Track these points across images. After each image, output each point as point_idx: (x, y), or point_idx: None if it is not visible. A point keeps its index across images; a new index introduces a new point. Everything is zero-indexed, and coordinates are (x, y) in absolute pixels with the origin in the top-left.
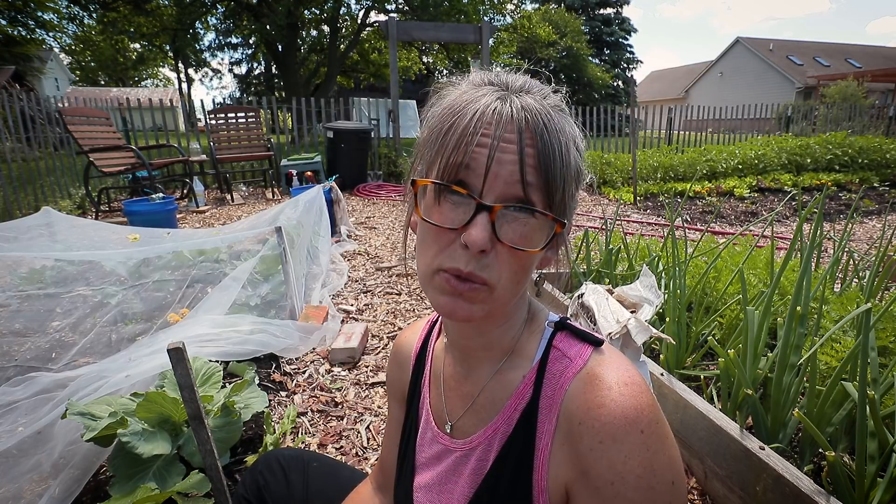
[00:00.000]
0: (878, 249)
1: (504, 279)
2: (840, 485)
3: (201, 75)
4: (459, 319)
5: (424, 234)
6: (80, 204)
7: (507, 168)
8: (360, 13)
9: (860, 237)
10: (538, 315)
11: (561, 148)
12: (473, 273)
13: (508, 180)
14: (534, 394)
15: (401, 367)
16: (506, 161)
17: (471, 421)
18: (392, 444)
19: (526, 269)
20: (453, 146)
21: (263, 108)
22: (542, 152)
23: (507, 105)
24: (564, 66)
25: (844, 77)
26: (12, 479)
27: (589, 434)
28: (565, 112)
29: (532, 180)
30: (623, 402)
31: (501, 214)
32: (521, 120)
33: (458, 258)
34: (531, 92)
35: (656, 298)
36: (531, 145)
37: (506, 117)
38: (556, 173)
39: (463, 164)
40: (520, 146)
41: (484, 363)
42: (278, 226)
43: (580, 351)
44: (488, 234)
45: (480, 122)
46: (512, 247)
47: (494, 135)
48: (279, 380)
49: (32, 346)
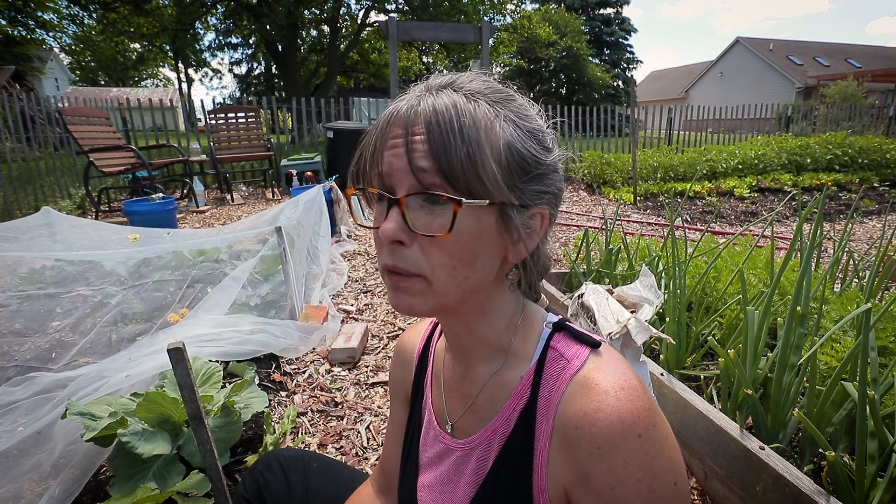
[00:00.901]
0: (878, 249)
1: (436, 269)
2: (840, 485)
3: (201, 75)
4: (403, 312)
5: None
6: (80, 204)
7: (403, 160)
8: (360, 13)
9: (860, 237)
10: (535, 315)
11: (461, 128)
12: (397, 266)
13: (407, 169)
14: (531, 394)
15: (404, 368)
16: (401, 152)
17: (470, 420)
18: (394, 445)
19: (460, 258)
20: (363, 154)
21: (263, 108)
22: (436, 139)
23: (404, 106)
24: (564, 66)
25: (844, 77)
26: (12, 479)
27: (586, 440)
28: (503, 92)
29: (425, 165)
30: (619, 407)
31: (409, 205)
32: (412, 115)
33: (387, 254)
34: (451, 85)
35: (656, 298)
36: (420, 133)
37: (402, 117)
38: (453, 152)
39: (373, 168)
40: (406, 138)
41: (479, 363)
42: (278, 226)
43: (577, 352)
44: (398, 225)
45: (384, 130)
46: (424, 234)
47: (391, 134)
48: (279, 380)
49: (32, 346)
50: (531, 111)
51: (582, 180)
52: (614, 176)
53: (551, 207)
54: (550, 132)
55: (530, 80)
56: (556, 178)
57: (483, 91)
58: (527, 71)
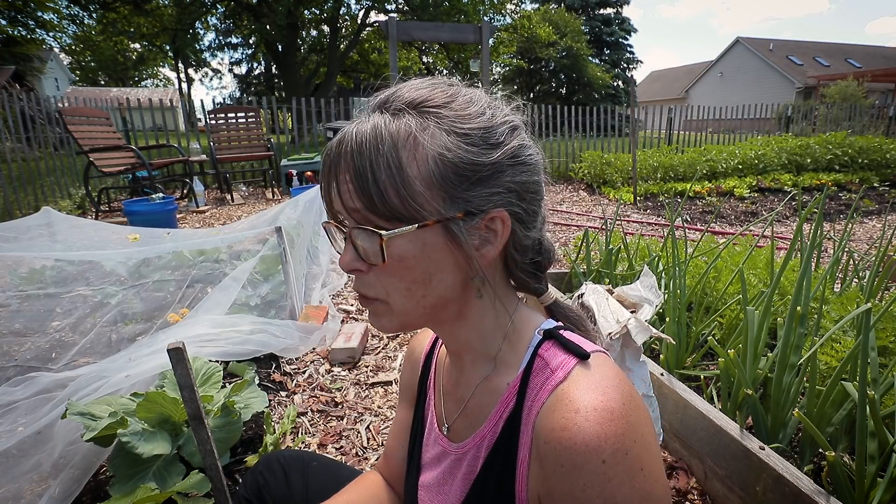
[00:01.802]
0: (878, 249)
1: (391, 293)
2: (840, 485)
3: (201, 75)
4: (380, 330)
5: None
6: (80, 204)
7: (338, 199)
8: (360, 13)
9: (860, 237)
10: (528, 321)
11: (377, 158)
12: (361, 293)
13: (343, 208)
14: (517, 403)
15: (412, 369)
16: (335, 194)
17: (463, 424)
18: (396, 442)
19: (413, 280)
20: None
21: (263, 108)
22: (360, 174)
23: (337, 139)
24: (564, 66)
25: (844, 77)
26: (12, 479)
27: (552, 455)
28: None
29: (355, 205)
30: (586, 429)
31: (357, 236)
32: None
33: (354, 281)
34: (385, 103)
35: (656, 298)
36: (345, 170)
37: (333, 154)
38: (377, 186)
39: (328, 204)
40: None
41: (471, 367)
42: (278, 226)
43: (563, 363)
44: (351, 255)
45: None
46: (371, 263)
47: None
48: (279, 380)
49: (32, 346)
50: (473, 108)
51: (582, 180)
52: (614, 176)
53: (511, 205)
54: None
55: (530, 80)
56: (513, 173)
57: (415, 101)
58: (527, 71)
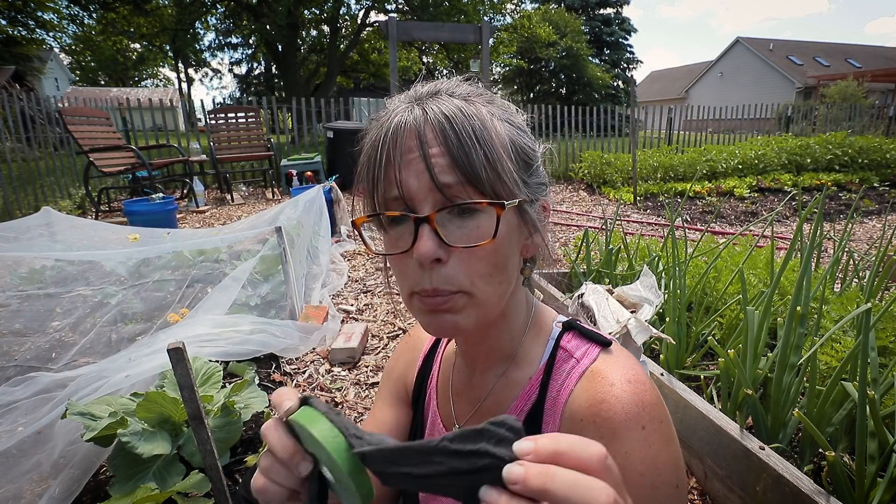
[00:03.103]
0: (878, 249)
1: (476, 281)
2: (840, 485)
3: (201, 75)
4: (446, 334)
5: (391, 264)
6: (80, 204)
7: (424, 175)
8: (360, 13)
9: (860, 237)
10: (544, 315)
11: (475, 132)
12: (439, 288)
13: (431, 186)
14: (539, 395)
15: (408, 367)
16: (420, 169)
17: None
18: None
19: (496, 265)
20: (374, 176)
21: (263, 108)
22: (453, 145)
23: (409, 117)
24: (564, 66)
25: (844, 77)
26: (12, 479)
27: (592, 429)
28: (485, 94)
29: (449, 180)
30: (624, 398)
31: (440, 220)
32: (420, 127)
33: (423, 278)
34: (438, 93)
35: (656, 298)
36: (437, 144)
37: (409, 129)
38: (475, 159)
39: (389, 189)
40: (422, 152)
41: (488, 366)
42: (278, 226)
43: (588, 351)
44: (435, 242)
45: (389, 144)
46: (465, 247)
47: (404, 150)
48: (279, 380)
49: (32, 346)
50: (512, 107)
51: (582, 180)
52: (614, 176)
53: (547, 196)
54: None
55: (530, 80)
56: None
57: (471, 93)
58: (527, 71)
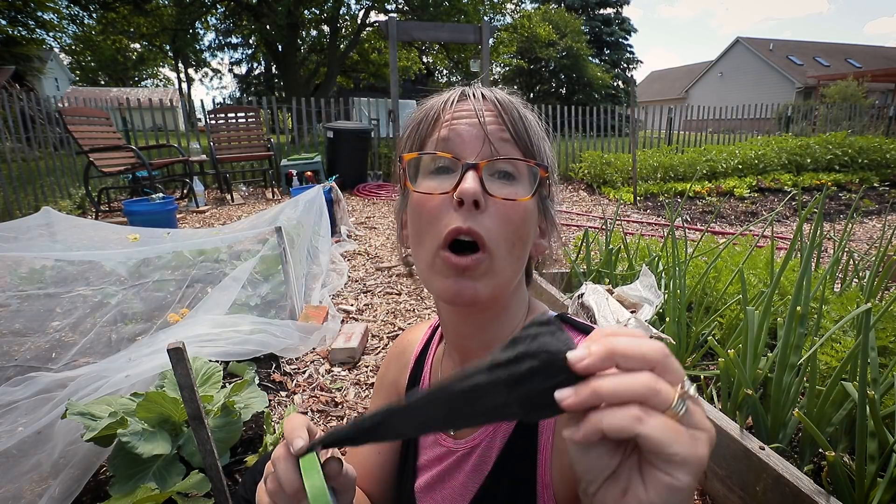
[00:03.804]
0: (878, 249)
1: (501, 242)
2: (840, 485)
3: (201, 75)
4: (465, 301)
5: (419, 216)
6: (80, 204)
7: (479, 130)
8: (360, 13)
9: (860, 237)
10: (539, 310)
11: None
12: (473, 229)
13: (483, 140)
14: None
15: (400, 369)
16: (476, 125)
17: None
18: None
19: (519, 235)
20: (430, 125)
21: (263, 108)
22: (507, 114)
23: (468, 90)
24: (564, 66)
25: (844, 77)
26: (12, 479)
27: None
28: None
29: (504, 136)
30: None
31: (487, 170)
32: (481, 96)
33: (458, 217)
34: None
35: (656, 298)
36: (494, 110)
37: (469, 95)
38: (523, 130)
39: (441, 139)
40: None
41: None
42: (278, 226)
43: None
44: (478, 185)
45: (449, 103)
46: (504, 199)
47: (462, 109)
48: (279, 380)
49: (32, 346)
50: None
51: (582, 180)
52: (614, 176)
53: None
54: None
55: (530, 80)
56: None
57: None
58: (527, 71)
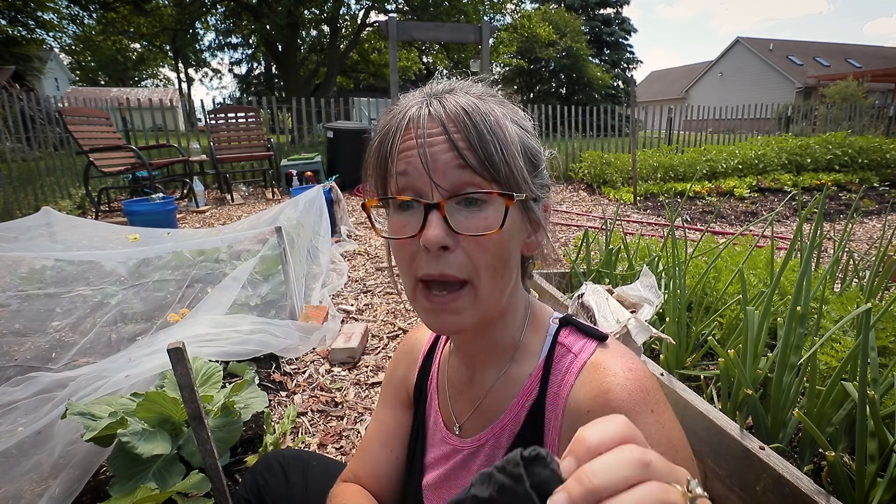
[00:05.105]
0: (878, 249)
1: (481, 272)
2: (840, 485)
3: (201, 75)
4: (448, 332)
5: (396, 252)
6: (80, 204)
7: (440, 160)
8: (360, 13)
9: (860, 237)
10: (542, 313)
11: (491, 127)
12: (445, 273)
13: (445, 171)
14: (540, 391)
15: (408, 368)
16: (436, 154)
17: (478, 422)
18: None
19: (500, 258)
20: (386, 161)
21: (263, 108)
22: (471, 135)
23: (424, 109)
24: (564, 66)
25: (844, 77)
26: (12, 479)
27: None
28: (496, 96)
29: (468, 163)
30: (629, 385)
31: (450, 207)
32: (440, 115)
33: (428, 263)
34: (453, 91)
35: (656, 298)
36: (456, 131)
37: (424, 119)
38: (492, 150)
39: (399, 173)
40: (436, 142)
41: (488, 365)
42: (278, 226)
43: (585, 346)
44: (443, 229)
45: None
46: (472, 235)
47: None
48: (279, 380)
49: (32, 346)
50: (521, 111)
51: (582, 180)
52: (614, 176)
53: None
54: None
55: (530, 80)
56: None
57: (485, 94)
58: (527, 71)
